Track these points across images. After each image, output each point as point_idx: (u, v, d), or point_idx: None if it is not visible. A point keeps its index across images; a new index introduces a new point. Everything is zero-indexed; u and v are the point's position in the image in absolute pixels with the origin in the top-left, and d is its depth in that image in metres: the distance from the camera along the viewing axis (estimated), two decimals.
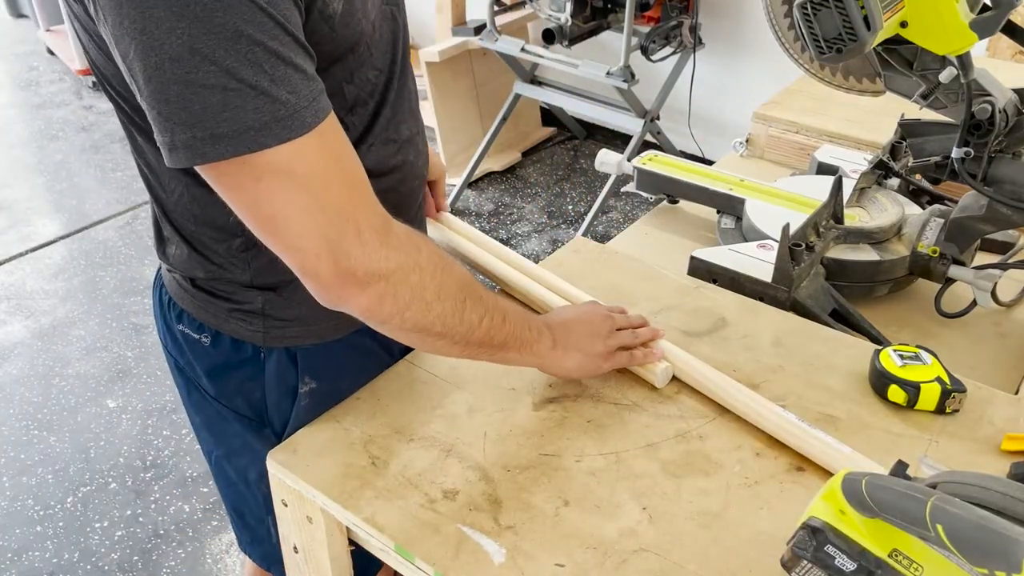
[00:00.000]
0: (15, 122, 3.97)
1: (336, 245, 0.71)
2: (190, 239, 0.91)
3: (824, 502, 0.67)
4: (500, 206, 3.30)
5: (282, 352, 0.96)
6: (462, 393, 0.96)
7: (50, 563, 1.87)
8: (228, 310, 0.93)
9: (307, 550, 0.93)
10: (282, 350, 0.96)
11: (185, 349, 1.00)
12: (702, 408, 0.95)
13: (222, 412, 1.02)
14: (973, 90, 1.06)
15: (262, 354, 0.96)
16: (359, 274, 0.73)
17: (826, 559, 0.66)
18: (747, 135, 1.63)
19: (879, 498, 0.62)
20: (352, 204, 0.72)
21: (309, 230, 0.70)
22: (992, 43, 2.28)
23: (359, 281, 0.73)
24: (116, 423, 2.26)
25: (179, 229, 0.91)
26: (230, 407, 1.01)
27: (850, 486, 0.64)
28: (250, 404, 1.00)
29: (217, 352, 0.97)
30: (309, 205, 0.69)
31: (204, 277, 0.93)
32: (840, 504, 0.65)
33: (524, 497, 0.84)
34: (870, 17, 0.91)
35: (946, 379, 0.93)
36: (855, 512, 0.65)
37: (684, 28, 2.95)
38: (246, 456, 1.05)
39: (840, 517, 0.66)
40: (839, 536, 0.65)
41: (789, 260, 1.09)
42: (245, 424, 1.02)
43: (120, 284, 2.83)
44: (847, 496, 0.65)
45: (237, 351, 0.96)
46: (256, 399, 0.99)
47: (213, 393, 1.01)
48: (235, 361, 0.97)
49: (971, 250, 1.17)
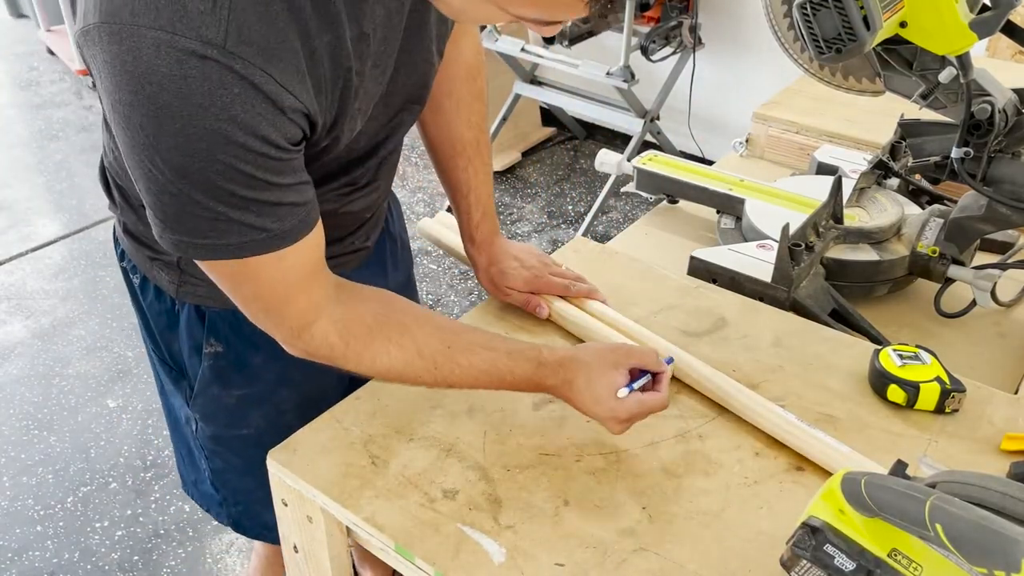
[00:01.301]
0: (15, 122, 3.97)
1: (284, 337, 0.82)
2: (126, 193, 0.95)
3: (823, 502, 0.67)
4: (500, 206, 3.30)
5: (192, 308, 0.99)
6: (462, 393, 0.96)
7: (50, 563, 1.87)
8: (151, 258, 0.98)
9: (307, 550, 0.93)
10: (192, 306, 0.99)
11: (125, 285, 1.08)
12: (702, 408, 0.95)
13: (152, 353, 1.08)
14: (973, 90, 1.06)
15: (176, 306, 1.00)
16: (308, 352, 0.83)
17: (825, 558, 0.66)
18: (747, 135, 1.63)
19: (878, 498, 0.62)
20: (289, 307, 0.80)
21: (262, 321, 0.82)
22: (992, 43, 2.28)
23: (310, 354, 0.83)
24: (116, 423, 2.26)
25: (120, 184, 0.95)
26: (156, 351, 1.07)
27: (849, 486, 0.65)
28: (171, 353, 1.06)
29: (143, 295, 1.04)
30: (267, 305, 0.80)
31: (133, 224, 0.97)
32: (839, 504, 0.65)
33: (524, 497, 0.84)
34: (869, 17, 0.91)
35: (945, 379, 0.93)
36: (854, 512, 0.65)
37: (684, 28, 2.95)
38: (174, 400, 1.11)
39: (839, 516, 0.66)
40: (838, 535, 0.66)
41: (789, 260, 1.09)
42: (167, 370, 1.07)
43: (120, 284, 2.82)
44: (846, 496, 0.65)
45: (158, 299, 1.01)
46: (175, 350, 1.05)
47: (144, 333, 1.07)
48: (157, 308, 1.03)
49: (971, 250, 1.17)
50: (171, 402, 1.14)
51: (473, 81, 1.07)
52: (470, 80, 1.06)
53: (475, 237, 1.11)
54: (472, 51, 1.06)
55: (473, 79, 1.07)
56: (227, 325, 1.00)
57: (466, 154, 1.08)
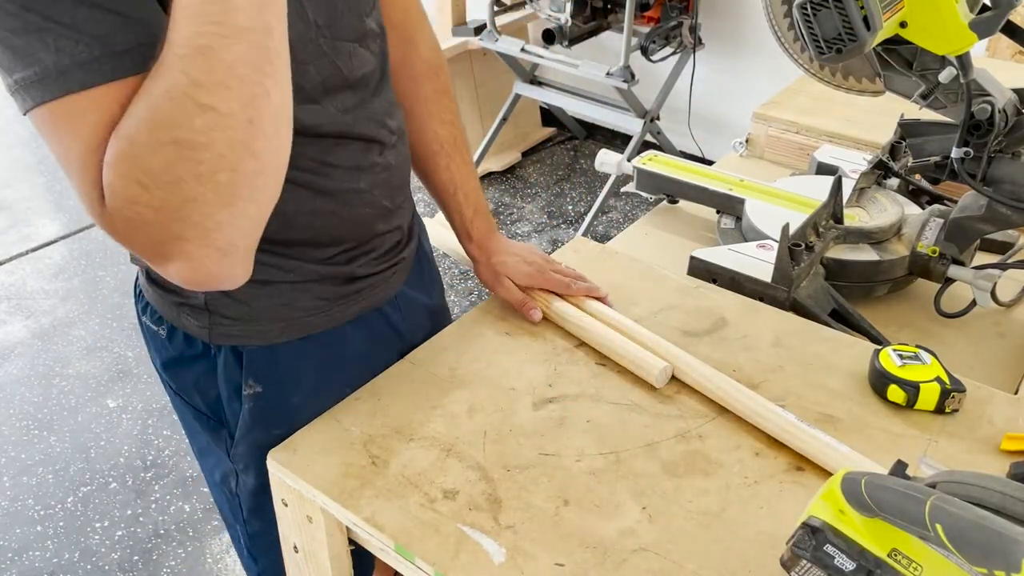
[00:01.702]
0: (15, 122, 3.97)
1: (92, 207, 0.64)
2: None
3: (823, 501, 0.67)
4: (500, 206, 3.30)
5: (229, 350, 0.94)
6: (462, 393, 0.96)
7: (50, 563, 1.87)
8: (177, 304, 0.92)
9: (307, 550, 0.93)
10: (229, 348, 0.94)
11: (149, 341, 1.00)
12: (702, 408, 0.95)
13: (184, 409, 1.02)
14: (973, 90, 1.06)
15: (212, 351, 0.95)
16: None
17: (825, 558, 0.66)
18: (747, 135, 1.64)
19: (878, 498, 0.62)
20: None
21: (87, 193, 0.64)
22: (992, 43, 2.28)
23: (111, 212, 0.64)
24: (116, 423, 2.26)
25: None
26: (190, 403, 1.00)
27: (849, 486, 0.65)
28: (206, 402, 0.99)
29: (172, 346, 0.96)
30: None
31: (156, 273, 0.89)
32: (839, 504, 0.65)
33: (524, 497, 0.84)
34: (870, 17, 0.91)
35: (945, 379, 0.93)
36: (854, 512, 0.65)
37: (684, 28, 2.95)
38: (211, 457, 1.04)
39: (839, 516, 0.66)
40: (838, 536, 0.66)
41: (789, 260, 1.09)
42: (204, 422, 1.00)
43: (120, 284, 2.83)
44: (846, 496, 0.65)
45: (189, 346, 0.95)
46: (211, 397, 0.98)
47: (175, 387, 1.01)
48: (188, 356, 0.96)
49: (971, 250, 1.17)
50: (205, 463, 1.07)
51: (436, 77, 1.05)
52: (433, 77, 1.05)
53: (472, 234, 1.10)
54: (428, 48, 1.04)
55: (436, 75, 1.05)
56: (265, 363, 0.94)
57: (444, 152, 1.06)
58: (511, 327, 1.07)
